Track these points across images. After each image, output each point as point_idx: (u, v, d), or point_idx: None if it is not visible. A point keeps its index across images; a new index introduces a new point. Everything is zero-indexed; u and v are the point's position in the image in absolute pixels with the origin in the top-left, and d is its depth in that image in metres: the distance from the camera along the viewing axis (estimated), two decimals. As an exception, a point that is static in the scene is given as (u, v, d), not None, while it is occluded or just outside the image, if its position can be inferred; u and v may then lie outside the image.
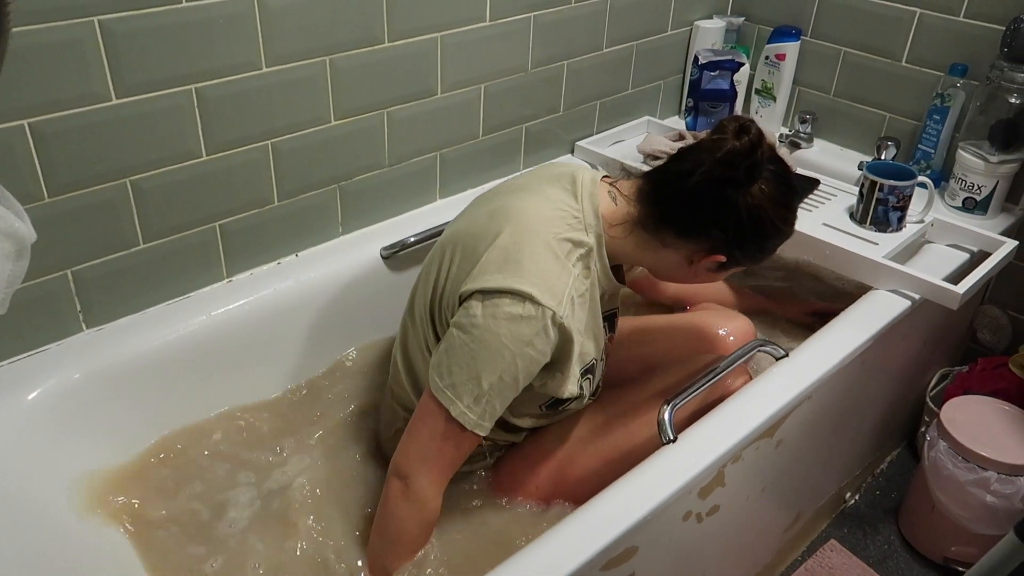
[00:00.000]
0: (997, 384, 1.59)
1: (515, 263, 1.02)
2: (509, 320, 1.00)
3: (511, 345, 1.01)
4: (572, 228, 1.07)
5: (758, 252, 1.12)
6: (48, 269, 1.17)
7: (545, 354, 1.04)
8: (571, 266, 1.05)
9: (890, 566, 1.54)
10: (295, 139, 1.36)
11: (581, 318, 1.07)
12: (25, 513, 1.06)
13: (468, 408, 1.03)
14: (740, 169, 1.01)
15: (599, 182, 1.13)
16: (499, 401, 1.04)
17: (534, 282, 1.01)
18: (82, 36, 1.08)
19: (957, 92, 1.67)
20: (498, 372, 1.01)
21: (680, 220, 1.08)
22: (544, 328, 1.01)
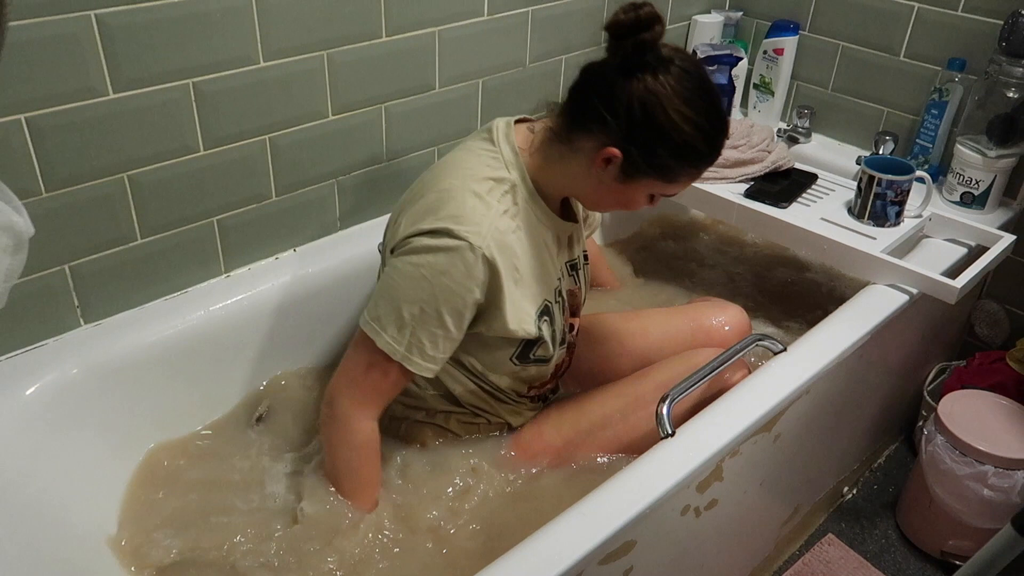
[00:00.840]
0: (994, 378, 1.60)
1: (436, 209, 1.06)
2: (427, 252, 1.04)
3: (429, 276, 1.04)
4: (491, 168, 1.09)
5: (659, 150, 1.02)
6: (46, 264, 1.17)
7: (469, 288, 1.05)
8: (494, 202, 1.06)
9: (887, 560, 1.55)
10: (293, 134, 1.35)
11: (516, 253, 1.08)
12: (22, 508, 1.06)
13: (393, 339, 1.06)
14: (630, 51, 0.99)
15: (511, 122, 1.15)
16: (425, 335, 1.06)
17: (452, 218, 1.04)
18: (79, 30, 1.07)
19: (955, 87, 1.67)
20: (418, 303, 1.04)
21: (578, 114, 1.05)
22: (462, 259, 1.03)
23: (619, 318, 1.48)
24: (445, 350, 1.09)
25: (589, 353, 1.43)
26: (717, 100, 1.05)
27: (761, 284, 1.81)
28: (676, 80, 1.01)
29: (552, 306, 1.17)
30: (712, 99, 1.04)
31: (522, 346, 1.15)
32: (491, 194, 1.07)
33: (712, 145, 1.05)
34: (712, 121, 1.04)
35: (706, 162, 1.07)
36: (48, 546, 1.05)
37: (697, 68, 1.04)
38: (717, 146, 1.06)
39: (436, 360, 1.09)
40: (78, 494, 1.15)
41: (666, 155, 1.04)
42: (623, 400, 1.26)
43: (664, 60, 1.00)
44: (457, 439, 1.27)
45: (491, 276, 1.06)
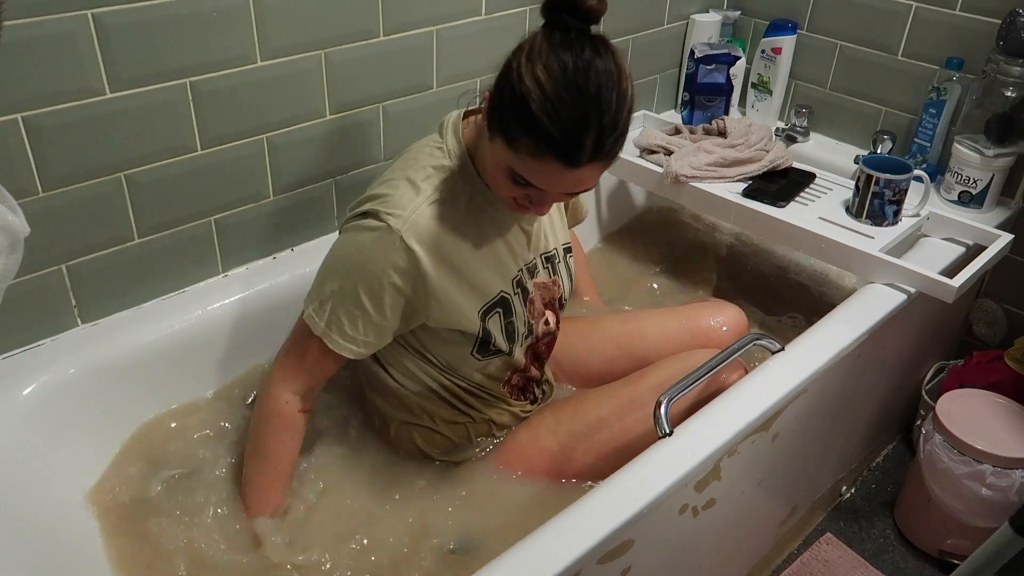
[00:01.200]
0: (992, 377, 1.60)
1: (372, 197, 1.08)
2: (353, 231, 1.07)
3: (350, 254, 1.07)
4: (433, 158, 1.10)
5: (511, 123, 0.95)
6: (43, 264, 1.17)
7: (385, 271, 1.05)
8: (428, 189, 1.07)
9: (886, 559, 1.55)
10: (290, 133, 1.35)
11: (449, 242, 1.07)
12: (18, 508, 1.06)
13: (315, 312, 1.09)
14: (527, 34, 0.96)
15: (463, 115, 1.14)
16: (344, 314, 1.07)
17: (381, 202, 1.06)
18: (76, 29, 1.07)
19: (953, 86, 1.67)
20: (337, 280, 1.07)
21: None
22: (380, 240, 1.04)
23: (616, 319, 1.48)
24: (368, 333, 1.09)
25: (586, 355, 1.43)
26: (587, 96, 0.91)
27: (758, 283, 1.81)
28: (550, 63, 0.91)
29: (510, 298, 1.16)
30: (580, 89, 0.91)
31: (478, 340, 1.15)
32: (427, 181, 1.07)
33: (559, 129, 0.91)
34: (568, 107, 0.91)
35: (551, 145, 0.92)
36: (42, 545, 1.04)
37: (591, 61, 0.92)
38: (565, 136, 0.92)
39: (358, 342, 1.09)
40: (75, 493, 1.14)
41: (517, 126, 0.94)
42: (620, 401, 1.25)
43: (570, 33, 0.92)
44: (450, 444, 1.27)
45: (412, 262, 1.05)
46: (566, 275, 1.28)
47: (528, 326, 1.21)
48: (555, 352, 1.41)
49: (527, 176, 0.98)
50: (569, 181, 0.98)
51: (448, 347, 1.17)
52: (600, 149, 0.94)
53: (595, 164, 0.96)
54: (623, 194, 1.94)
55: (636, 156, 1.73)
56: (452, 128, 1.12)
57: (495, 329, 1.16)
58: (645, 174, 1.70)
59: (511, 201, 1.05)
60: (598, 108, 0.92)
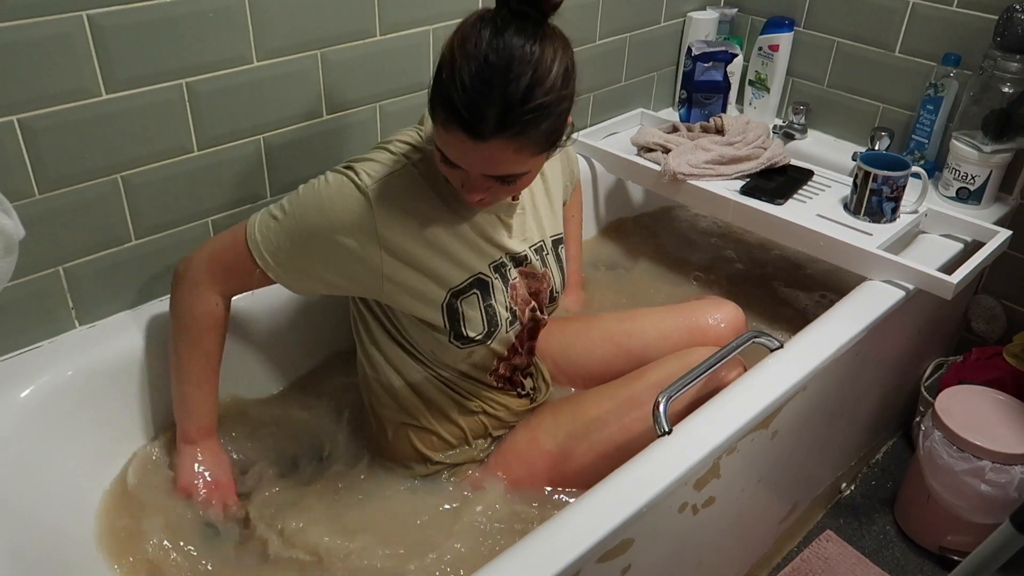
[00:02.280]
0: (991, 374, 1.60)
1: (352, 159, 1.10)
2: (326, 175, 1.09)
3: (316, 191, 1.08)
4: (414, 140, 1.12)
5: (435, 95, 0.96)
6: (40, 266, 1.17)
7: (342, 222, 1.05)
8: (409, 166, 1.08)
9: (886, 556, 1.55)
10: (287, 133, 1.35)
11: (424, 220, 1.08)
12: (17, 510, 1.06)
13: (260, 222, 1.10)
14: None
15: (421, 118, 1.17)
16: (284, 239, 1.08)
17: (358, 164, 1.08)
18: (71, 31, 1.07)
19: (950, 82, 1.67)
20: (294, 206, 1.08)
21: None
22: (342, 186, 1.06)
23: (614, 318, 1.48)
24: (295, 269, 1.10)
25: (584, 354, 1.43)
26: (492, 67, 0.91)
27: (756, 281, 1.81)
28: (483, 25, 0.92)
29: (489, 280, 1.15)
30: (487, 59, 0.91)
31: (450, 324, 1.13)
32: (405, 158, 1.09)
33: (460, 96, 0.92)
34: (471, 75, 0.91)
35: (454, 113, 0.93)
36: (41, 548, 1.04)
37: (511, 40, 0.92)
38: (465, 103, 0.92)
39: (285, 271, 1.10)
40: (72, 496, 1.14)
41: (438, 98, 0.95)
42: (618, 401, 1.25)
43: (511, 15, 0.93)
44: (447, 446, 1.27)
45: (369, 224, 1.05)
46: (556, 267, 1.27)
47: (512, 312, 1.19)
48: (552, 352, 1.41)
49: (443, 149, 0.99)
50: (478, 157, 0.96)
51: (427, 335, 1.16)
52: (505, 124, 0.92)
53: (503, 141, 0.94)
54: (621, 192, 1.93)
55: (634, 154, 1.73)
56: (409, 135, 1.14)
57: (472, 312, 1.14)
58: (643, 172, 1.69)
59: (449, 175, 1.05)
60: (504, 80, 0.91)
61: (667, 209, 2.02)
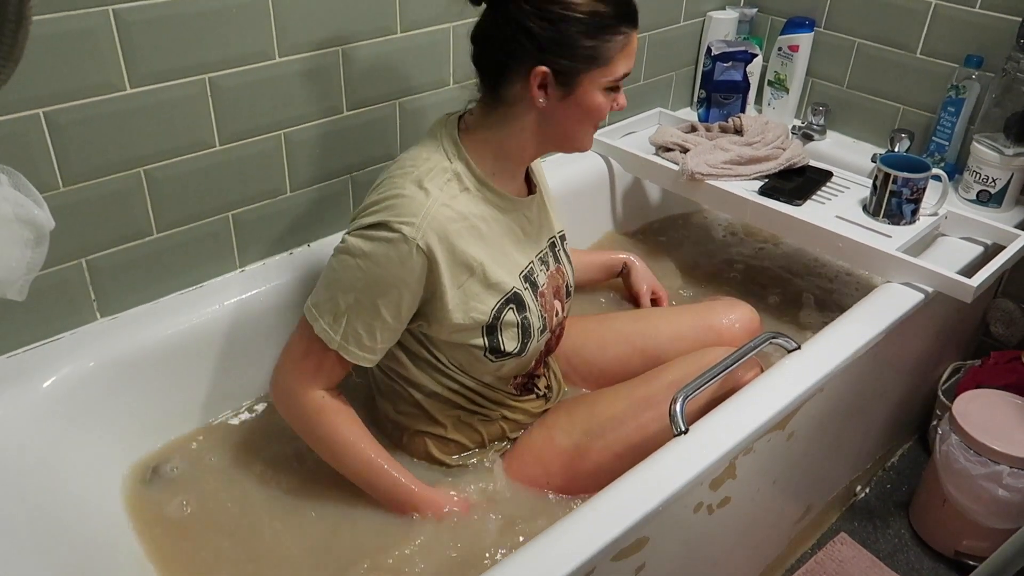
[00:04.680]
0: (1010, 378, 1.59)
1: (377, 202, 1.07)
2: (365, 243, 1.05)
3: (364, 267, 1.05)
4: (433, 160, 1.10)
5: (570, 39, 1.03)
6: (63, 258, 1.18)
7: (403, 280, 1.06)
8: (435, 190, 1.07)
9: (900, 560, 1.54)
10: (308, 129, 1.36)
11: (462, 242, 1.08)
12: (40, 500, 1.07)
13: (329, 326, 1.08)
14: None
15: (455, 116, 1.16)
16: (362, 325, 1.08)
17: (390, 210, 1.05)
18: (96, 25, 1.08)
19: (972, 84, 1.66)
20: (353, 293, 1.06)
21: (489, 70, 1.09)
22: (396, 251, 1.04)
23: (628, 317, 1.48)
24: (384, 340, 1.10)
25: (598, 353, 1.43)
26: None
27: (774, 282, 1.81)
28: None
29: (521, 293, 1.16)
30: None
31: (488, 340, 1.14)
32: (432, 183, 1.07)
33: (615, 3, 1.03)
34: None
35: (625, 23, 1.05)
36: (65, 536, 1.05)
37: None
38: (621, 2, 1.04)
39: (375, 351, 1.11)
40: (94, 484, 1.15)
41: (584, 39, 1.03)
42: (635, 400, 1.25)
43: None
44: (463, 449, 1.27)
45: (429, 267, 1.06)
46: (567, 261, 1.28)
47: (543, 320, 1.21)
48: (567, 351, 1.41)
49: (621, 67, 1.07)
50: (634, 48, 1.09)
51: (460, 350, 1.16)
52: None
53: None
54: (639, 192, 1.93)
55: (652, 154, 1.73)
56: (444, 129, 1.13)
57: (509, 327, 1.15)
58: (661, 172, 1.69)
59: (593, 128, 1.13)
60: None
61: (684, 209, 2.02)
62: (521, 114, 1.09)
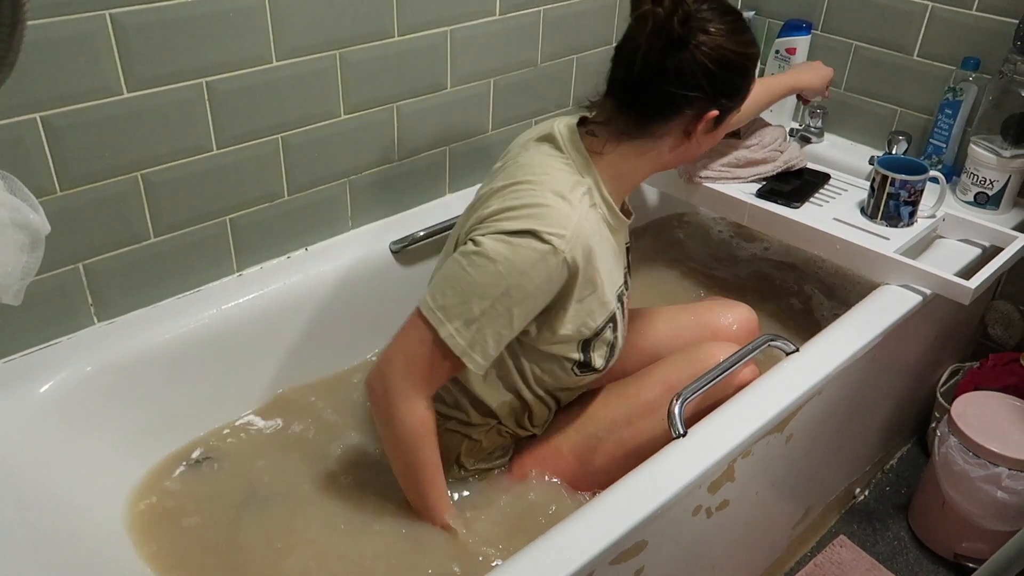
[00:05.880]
0: (1008, 380, 1.59)
1: (516, 209, 1.04)
2: (509, 249, 1.02)
3: (506, 274, 1.02)
4: (568, 172, 1.09)
5: (741, 85, 1.10)
6: (60, 262, 1.18)
7: (545, 292, 1.05)
8: (577, 202, 1.06)
9: (900, 562, 1.54)
10: (305, 133, 1.36)
11: (595, 256, 1.08)
12: (36, 505, 1.07)
13: (457, 331, 1.04)
14: (676, 29, 1.01)
15: (574, 127, 1.14)
16: (491, 334, 1.04)
17: (538, 222, 1.02)
18: (93, 30, 1.08)
19: (969, 86, 1.66)
20: (490, 299, 1.02)
21: (655, 107, 1.07)
22: (545, 263, 1.02)
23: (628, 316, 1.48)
24: (503, 347, 1.08)
25: None
26: (735, 8, 1.09)
27: (772, 283, 1.81)
28: (718, 19, 1.04)
29: (616, 312, 1.17)
30: (736, 10, 1.08)
31: (583, 355, 1.15)
32: (573, 194, 1.06)
33: (757, 44, 1.10)
34: (748, 28, 1.09)
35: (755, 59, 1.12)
36: (62, 541, 1.05)
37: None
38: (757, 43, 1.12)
39: (491, 359, 1.07)
40: (91, 490, 1.15)
41: (745, 82, 1.10)
42: (633, 403, 1.25)
43: (695, 11, 1.02)
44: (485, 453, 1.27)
45: (569, 278, 1.05)
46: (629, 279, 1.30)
47: (623, 338, 1.22)
48: None
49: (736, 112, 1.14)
50: None
51: (550, 361, 1.16)
52: None
53: None
54: (636, 195, 1.93)
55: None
56: (572, 143, 1.12)
57: (603, 343, 1.16)
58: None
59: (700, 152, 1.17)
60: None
61: (682, 211, 2.02)
62: (661, 146, 1.10)
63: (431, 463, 1.13)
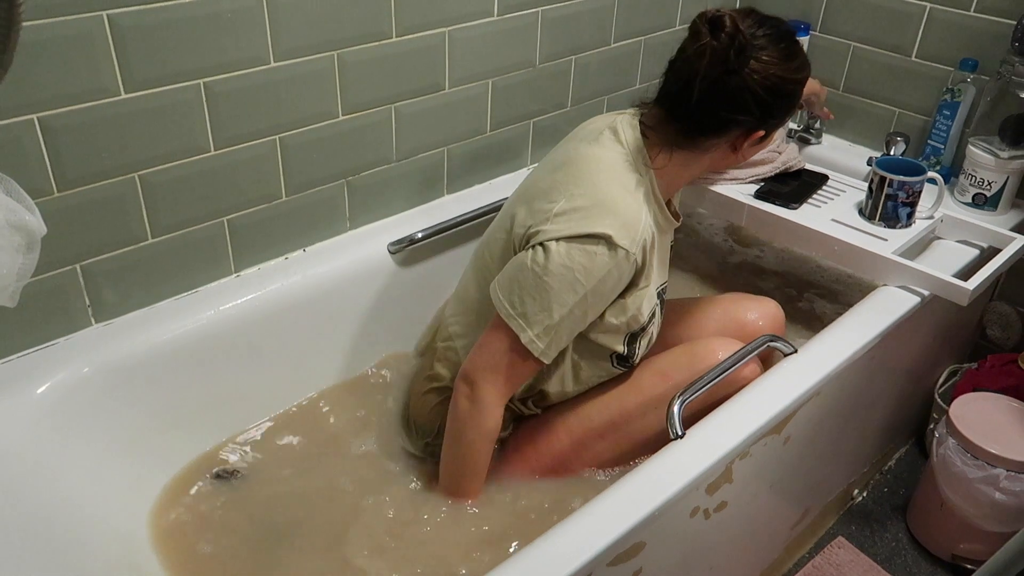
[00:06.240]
0: (1007, 381, 1.59)
1: (590, 207, 1.09)
2: (585, 257, 1.07)
3: (583, 279, 1.08)
4: (631, 171, 1.15)
5: (789, 107, 1.16)
6: (57, 263, 1.18)
7: (616, 291, 1.13)
8: (641, 199, 1.13)
9: (898, 563, 1.54)
10: (303, 134, 1.36)
11: (653, 250, 1.15)
12: (33, 505, 1.06)
13: (537, 337, 1.10)
14: (731, 60, 1.06)
15: (638, 126, 1.18)
16: (567, 333, 1.13)
17: (610, 223, 1.08)
18: (91, 30, 1.08)
19: (967, 87, 1.66)
20: (569, 305, 1.09)
21: (707, 124, 1.13)
22: (618, 267, 1.09)
23: None
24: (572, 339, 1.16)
25: None
26: (791, 35, 1.12)
27: (771, 284, 1.81)
28: (772, 47, 1.08)
29: (657, 308, 1.23)
30: (790, 37, 1.12)
31: (628, 348, 1.21)
32: (638, 193, 1.13)
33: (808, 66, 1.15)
34: (800, 52, 1.13)
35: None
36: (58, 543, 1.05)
37: (766, 20, 1.11)
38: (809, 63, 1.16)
39: (561, 349, 1.15)
40: (88, 492, 1.15)
41: (793, 104, 1.15)
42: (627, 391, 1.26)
43: (751, 40, 1.07)
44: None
45: (635, 272, 1.13)
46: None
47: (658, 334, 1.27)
48: None
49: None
50: None
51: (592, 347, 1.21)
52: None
53: None
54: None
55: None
56: (635, 142, 1.17)
57: (646, 336, 1.22)
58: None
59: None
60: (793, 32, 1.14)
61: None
62: (708, 157, 1.17)
63: (485, 466, 1.20)
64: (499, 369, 1.14)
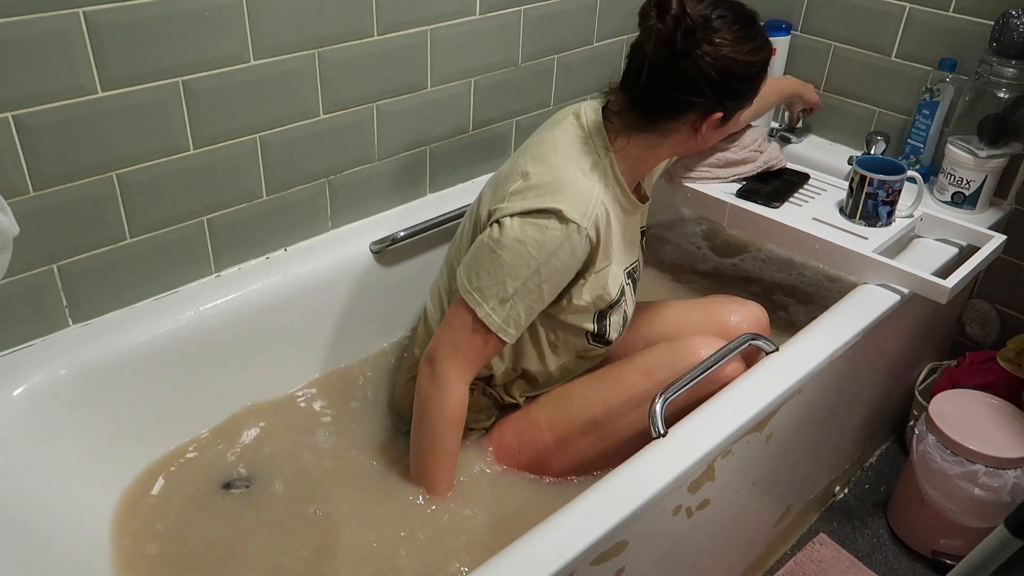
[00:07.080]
0: (985, 378, 1.60)
1: (544, 185, 1.12)
2: (536, 230, 1.10)
3: (535, 254, 1.10)
4: (588, 152, 1.17)
5: (747, 90, 1.15)
6: (33, 263, 1.16)
7: (571, 267, 1.13)
8: (597, 181, 1.15)
9: (879, 559, 1.55)
10: (284, 132, 1.35)
11: (610, 231, 1.16)
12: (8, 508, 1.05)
13: (493, 311, 1.13)
14: (678, 42, 1.07)
15: (600, 111, 1.20)
16: (523, 308, 1.14)
17: (562, 199, 1.10)
18: (67, 28, 1.06)
19: (946, 87, 1.67)
20: (522, 279, 1.11)
21: (663, 107, 1.14)
22: (570, 241, 1.11)
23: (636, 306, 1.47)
24: (532, 319, 1.17)
25: None
26: (751, 13, 1.13)
27: (753, 283, 1.82)
28: (725, 29, 1.08)
29: (626, 288, 1.24)
30: (750, 21, 1.12)
31: (597, 326, 1.22)
32: (594, 173, 1.14)
33: (767, 50, 1.15)
34: (759, 35, 1.13)
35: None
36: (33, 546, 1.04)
37: (722, 2, 1.10)
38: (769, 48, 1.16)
39: (523, 330, 1.17)
40: (65, 495, 1.14)
41: (751, 87, 1.15)
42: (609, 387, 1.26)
43: (704, 21, 1.07)
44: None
45: (591, 250, 1.14)
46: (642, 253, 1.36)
47: (631, 314, 1.29)
48: None
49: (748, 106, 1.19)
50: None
51: (567, 330, 1.23)
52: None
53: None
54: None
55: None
56: (596, 127, 1.19)
57: (616, 317, 1.24)
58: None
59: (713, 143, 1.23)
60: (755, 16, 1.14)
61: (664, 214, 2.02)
62: (670, 141, 1.18)
63: (452, 450, 1.21)
64: (459, 346, 1.15)
